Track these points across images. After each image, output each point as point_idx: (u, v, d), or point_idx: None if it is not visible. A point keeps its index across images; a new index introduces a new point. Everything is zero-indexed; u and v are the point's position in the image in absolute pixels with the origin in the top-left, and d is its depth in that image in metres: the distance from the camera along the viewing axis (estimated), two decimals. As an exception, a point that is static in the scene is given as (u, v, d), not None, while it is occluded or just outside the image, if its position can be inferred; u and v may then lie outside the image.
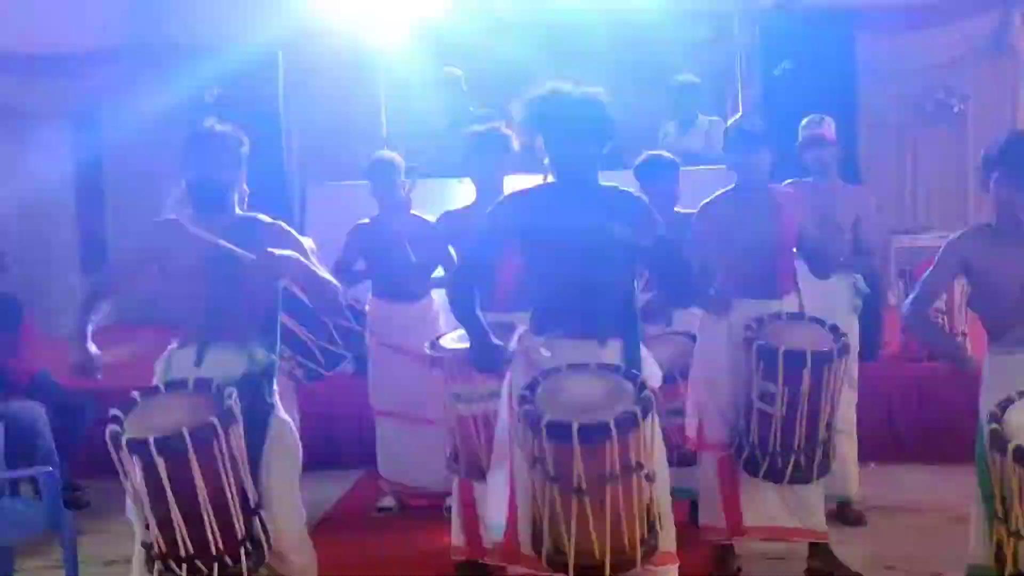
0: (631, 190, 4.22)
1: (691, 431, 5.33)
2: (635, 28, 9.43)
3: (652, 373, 4.04)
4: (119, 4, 10.41)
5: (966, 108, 10.28)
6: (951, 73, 10.27)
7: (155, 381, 4.16)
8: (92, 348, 4.25)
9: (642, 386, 3.77)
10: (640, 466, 3.69)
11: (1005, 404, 3.81)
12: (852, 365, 5.90)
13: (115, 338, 4.58)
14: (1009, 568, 3.77)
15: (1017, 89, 10.25)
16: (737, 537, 5.25)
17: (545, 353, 3.97)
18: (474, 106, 8.47)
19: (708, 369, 5.22)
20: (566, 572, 3.75)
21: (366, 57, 9.92)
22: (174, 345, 4.26)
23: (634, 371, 3.86)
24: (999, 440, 3.68)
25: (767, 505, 5.15)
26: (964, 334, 7.35)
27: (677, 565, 4.04)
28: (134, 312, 6.14)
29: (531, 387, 3.84)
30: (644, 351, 4.07)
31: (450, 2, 9.48)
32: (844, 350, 4.88)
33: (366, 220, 6.53)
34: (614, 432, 3.58)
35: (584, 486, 3.64)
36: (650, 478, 3.75)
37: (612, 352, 3.96)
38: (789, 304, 5.21)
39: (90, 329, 4.26)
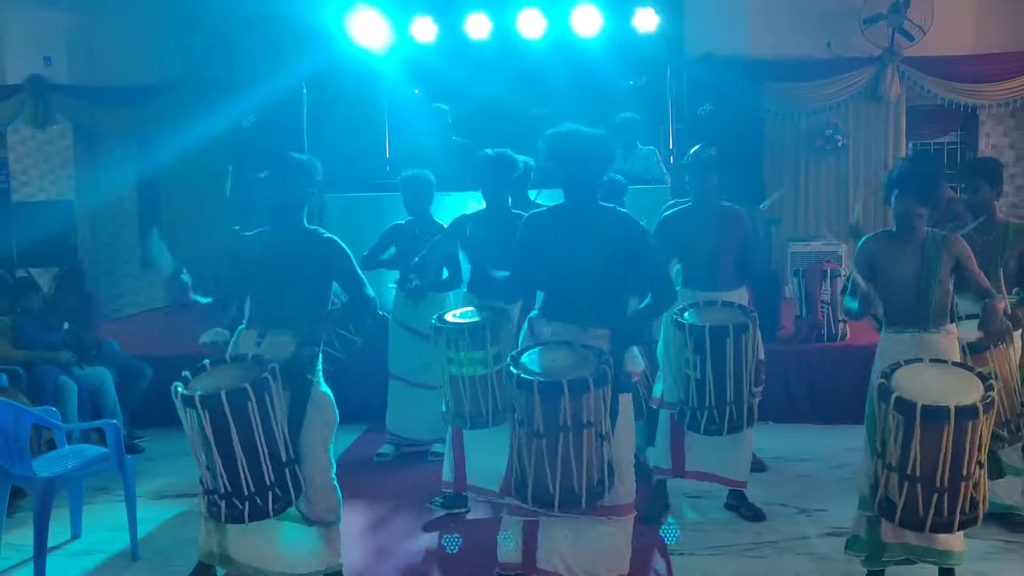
0: (626, 211, 4.22)
1: (656, 393, 5.33)
2: (588, 74, 9.41)
3: (634, 359, 4.05)
4: (175, 46, 10.36)
5: (847, 142, 10.32)
6: (836, 114, 10.30)
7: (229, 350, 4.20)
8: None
9: (602, 362, 3.80)
10: (590, 424, 3.73)
11: (894, 367, 3.86)
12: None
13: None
14: (881, 492, 3.82)
15: (888, 128, 10.32)
16: (679, 476, 5.25)
17: (547, 330, 4.06)
18: (456, 135, 8.43)
19: (666, 348, 5.20)
20: (525, 500, 3.84)
21: (373, 93, 9.89)
22: (242, 326, 4.29)
23: (603, 351, 3.87)
24: (885, 392, 3.72)
25: (705, 455, 5.15)
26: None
27: (633, 515, 4.07)
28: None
29: (520, 352, 3.94)
30: None
31: (440, 50, 9.47)
32: (742, 327, 4.78)
33: (401, 222, 6.45)
34: (566, 391, 3.64)
35: (543, 431, 3.71)
36: (602, 437, 3.79)
37: (600, 338, 3.97)
38: (739, 296, 5.19)
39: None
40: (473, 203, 5.84)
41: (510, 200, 5.40)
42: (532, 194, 6.15)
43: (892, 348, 4.10)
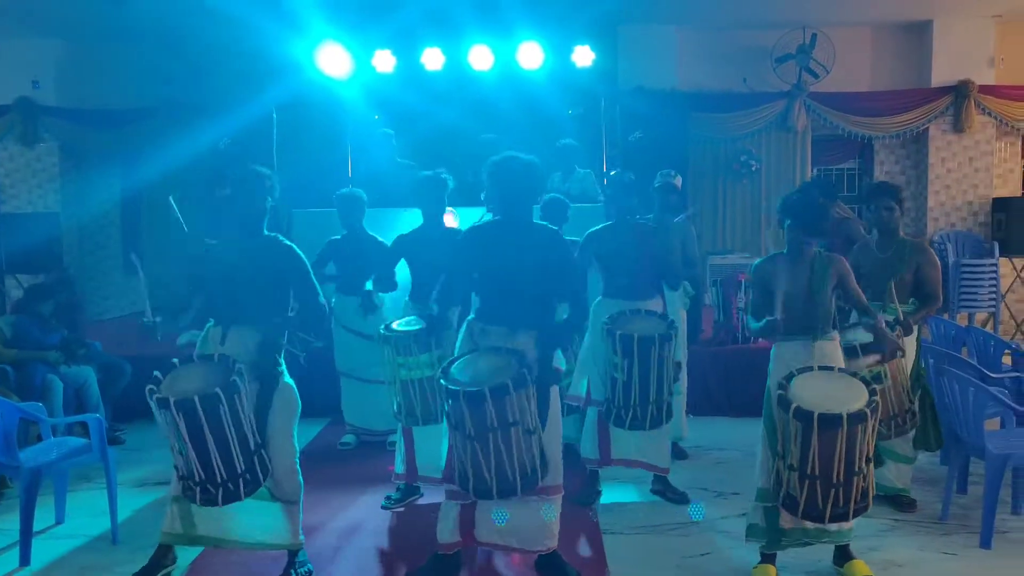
0: (555, 228, 4.30)
1: (579, 391, 5.34)
2: (531, 103, 9.44)
3: (558, 360, 4.11)
4: (156, 74, 10.23)
5: (761, 166, 10.47)
6: (751, 142, 10.46)
7: (195, 353, 4.12)
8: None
9: (522, 365, 3.84)
10: (516, 422, 3.76)
11: (789, 377, 3.93)
12: (684, 341, 5.96)
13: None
14: (783, 489, 3.89)
15: (796, 154, 10.49)
16: (605, 465, 5.28)
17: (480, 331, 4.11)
18: (402, 157, 8.42)
19: (595, 351, 5.24)
20: (468, 491, 3.89)
21: (337, 118, 9.84)
22: (209, 324, 4.24)
23: (523, 354, 3.91)
24: (784, 402, 3.79)
25: (628, 444, 5.18)
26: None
27: (562, 494, 4.12)
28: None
29: (450, 363, 3.96)
30: None
31: (399, 80, 9.46)
32: (666, 338, 4.85)
33: (337, 237, 6.45)
34: (488, 397, 3.68)
35: (473, 433, 3.75)
36: (530, 431, 3.83)
37: (528, 339, 4.03)
38: (654, 304, 5.21)
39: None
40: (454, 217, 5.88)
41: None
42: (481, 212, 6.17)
43: (786, 354, 4.16)
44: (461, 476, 3.90)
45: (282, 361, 4.16)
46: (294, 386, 4.19)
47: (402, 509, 5.16)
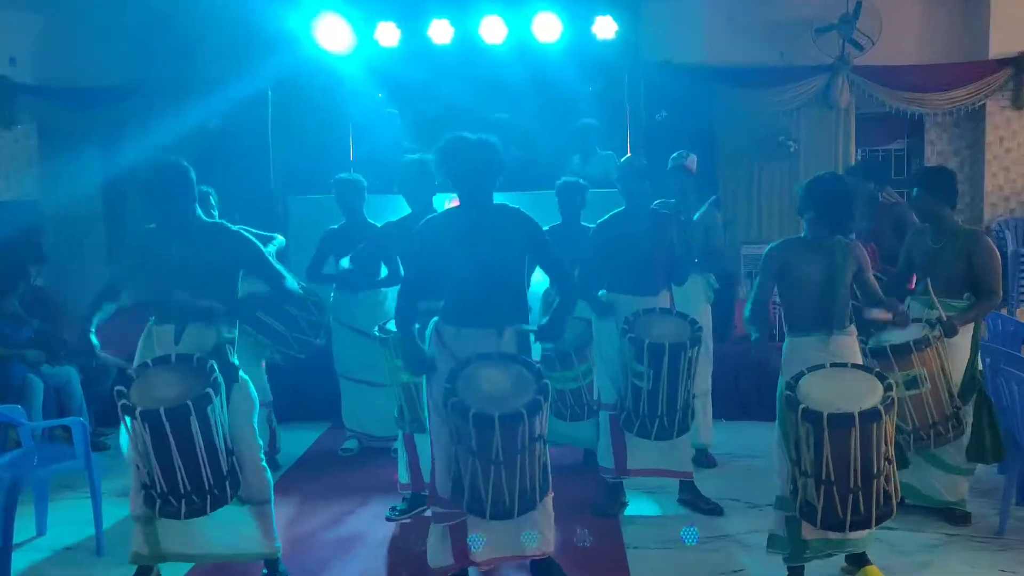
0: (518, 208, 4.21)
1: (596, 395, 5.39)
2: (548, 80, 9.44)
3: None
4: (140, 48, 10.25)
5: (799, 148, 10.42)
6: (789, 121, 10.38)
7: (138, 354, 4.13)
8: (93, 338, 4.17)
9: (539, 374, 3.86)
10: (542, 436, 3.82)
11: (798, 376, 3.95)
12: (708, 342, 5.98)
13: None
14: (800, 496, 3.90)
15: (838, 134, 10.43)
16: (622, 476, 5.29)
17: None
18: (407, 139, 8.44)
19: (602, 350, 5.28)
20: (483, 516, 3.85)
21: (338, 96, 9.80)
22: (151, 322, 4.20)
23: (532, 361, 3.92)
24: (792, 403, 3.81)
25: (646, 453, 5.20)
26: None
27: (551, 496, 4.09)
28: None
29: (452, 379, 3.86)
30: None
31: (404, 55, 9.47)
32: (696, 340, 4.92)
33: (335, 226, 6.47)
34: (525, 417, 3.68)
35: (502, 459, 3.73)
36: (545, 441, 3.89)
37: (508, 340, 4.03)
38: (662, 299, 5.27)
39: (96, 321, 4.18)
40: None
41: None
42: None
43: (799, 351, 4.18)
44: (470, 500, 3.87)
45: (235, 356, 4.17)
46: (249, 381, 4.23)
47: (408, 520, 5.18)
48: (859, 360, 4.17)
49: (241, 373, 4.18)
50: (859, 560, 4.22)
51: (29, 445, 5.00)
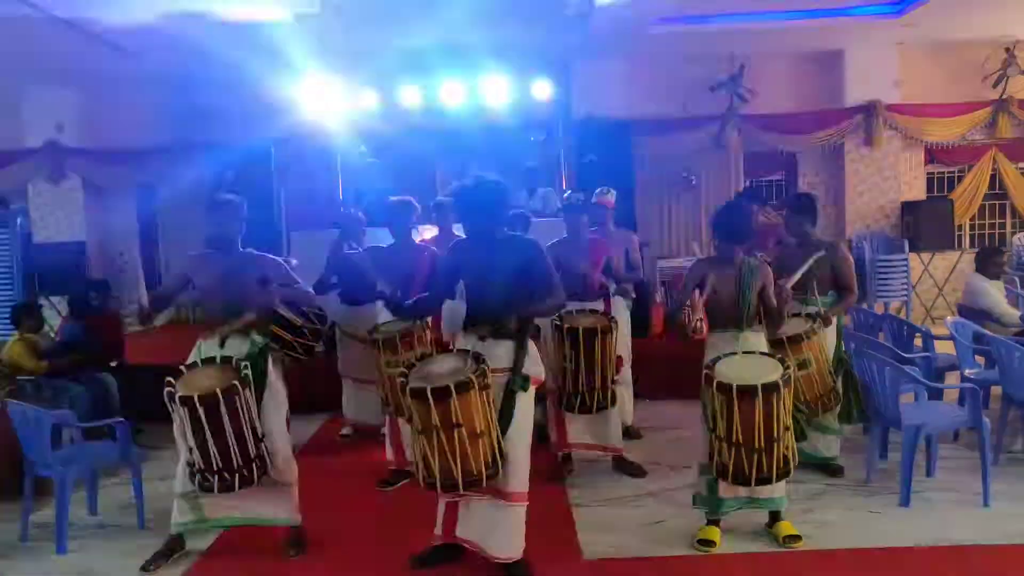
0: (529, 238, 4.10)
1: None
2: (498, 133, 9.50)
3: (536, 369, 3.90)
4: (167, 116, 10.21)
5: (700, 181, 10.55)
6: (691, 161, 10.52)
7: (190, 359, 4.07)
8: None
9: (479, 365, 3.59)
10: (459, 424, 3.48)
11: (716, 359, 3.96)
12: (627, 339, 5.92)
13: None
14: (716, 459, 3.91)
15: (730, 169, 10.56)
16: (564, 449, 5.26)
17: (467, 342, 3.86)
18: (385, 183, 8.44)
19: (549, 346, 5.24)
20: (435, 490, 3.64)
21: (327, 149, 9.88)
22: (202, 337, 4.16)
23: (481, 357, 3.66)
24: (709, 379, 3.83)
25: (580, 429, 5.20)
26: (701, 320, 7.46)
27: (525, 504, 3.80)
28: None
29: (411, 366, 3.73)
30: (535, 352, 3.93)
31: (381, 115, 9.50)
32: (608, 329, 4.94)
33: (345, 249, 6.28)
34: (454, 392, 3.45)
35: (420, 428, 3.54)
36: (476, 434, 3.53)
37: (504, 350, 3.81)
38: (598, 305, 5.34)
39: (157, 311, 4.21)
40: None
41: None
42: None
43: (718, 343, 4.15)
44: (425, 476, 3.60)
45: (269, 359, 4.11)
46: (281, 383, 4.18)
47: (391, 491, 5.12)
48: (764, 350, 4.18)
49: (273, 376, 4.11)
50: (774, 517, 4.22)
51: (81, 442, 4.89)
